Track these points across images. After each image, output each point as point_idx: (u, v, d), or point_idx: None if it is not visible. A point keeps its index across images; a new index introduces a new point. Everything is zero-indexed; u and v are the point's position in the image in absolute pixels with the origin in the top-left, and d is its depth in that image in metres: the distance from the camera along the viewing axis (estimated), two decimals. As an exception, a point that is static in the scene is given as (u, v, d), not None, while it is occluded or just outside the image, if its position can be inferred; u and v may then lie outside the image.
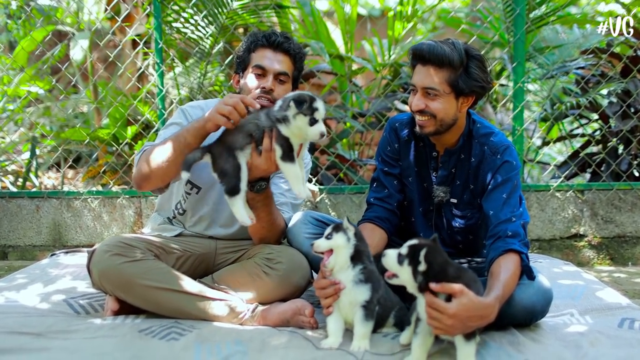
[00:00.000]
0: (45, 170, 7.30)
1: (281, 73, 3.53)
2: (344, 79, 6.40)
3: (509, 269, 3.00)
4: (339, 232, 2.96)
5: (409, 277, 2.70)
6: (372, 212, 3.57)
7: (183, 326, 3.14)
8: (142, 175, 3.30)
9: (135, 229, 5.47)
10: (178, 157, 3.19)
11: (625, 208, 5.50)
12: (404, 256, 2.71)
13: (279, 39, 3.55)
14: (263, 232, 3.48)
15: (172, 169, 3.23)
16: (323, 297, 2.99)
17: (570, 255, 5.43)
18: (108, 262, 3.23)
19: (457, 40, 3.29)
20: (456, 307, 2.63)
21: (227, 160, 3.13)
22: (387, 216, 3.55)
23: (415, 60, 3.31)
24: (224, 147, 3.15)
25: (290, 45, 3.57)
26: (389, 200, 3.57)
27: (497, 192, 3.27)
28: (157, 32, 5.47)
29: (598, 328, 3.15)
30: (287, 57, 3.56)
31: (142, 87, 6.01)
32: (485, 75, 3.28)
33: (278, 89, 3.51)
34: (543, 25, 5.88)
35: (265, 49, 3.55)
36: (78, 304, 3.56)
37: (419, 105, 3.26)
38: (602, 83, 5.86)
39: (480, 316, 2.70)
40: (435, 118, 3.26)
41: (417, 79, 3.27)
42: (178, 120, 3.59)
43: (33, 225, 5.59)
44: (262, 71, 3.51)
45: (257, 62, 3.52)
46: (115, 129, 6.06)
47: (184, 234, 3.69)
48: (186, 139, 3.19)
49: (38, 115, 7.74)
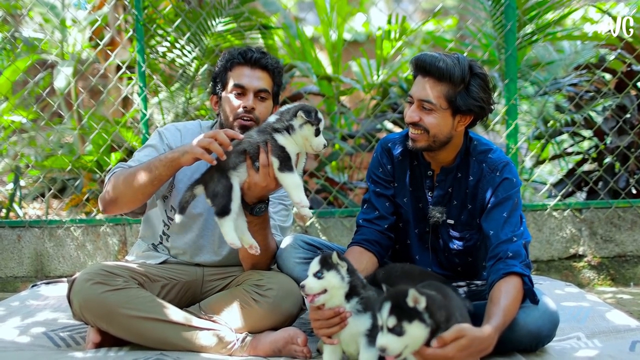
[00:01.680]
0: (29, 200, 7.20)
1: (261, 90, 3.43)
2: (332, 101, 6.33)
3: (509, 294, 2.90)
4: (330, 271, 2.77)
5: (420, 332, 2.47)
6: (360, 234, 3.43)
7: (168, 358, 3.06)
8: (109, 198, 3.25)
9: (119, 257, 5.36)
10: (147, 187, 3.16)
11: (625, 226, 5.39)
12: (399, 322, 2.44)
13: (255, 55, 3.46)
14: (256, 257, 3.35)
15: (139, 197, 3.22)
16: (326, 328, 2.82)
17: (569, 276, 5.32)
18: (89, 291, 3.13)
19: (462, 55, 3.18)
20: (454, 350, 2.53)
21: (219, 182, 3.04)
22: (376, 238, 3.40)
23: (416, 71, 3.21)
24: (216, 170, 3.06)
25: (268, 61, 3.47)
26: (378, 222, 3.43)
27: (497, 211, 3.16)
28: (140, 56, 5.37)
29: (609, 352, 3.04)
30: (265, 73, 3.47)
31: (127, 113, 5.92)
32: (486, 96, 3.18)
33: (259, 106, 3.42)
34: (534, 42, 5.81)
35: (243, 66, 3.45)
36: (59, 337, 3.45)
37: (413, 117, 3.15)
38: (596, 99, 5.78)
39: (480, 350, 2.64)
40: (428, 133, 3.14)
41: (415, 90, 3.16)
42: (154, 142, 3.51)
43: (14, 256, 5.45)
44: (242, 90, 3.41)
45: (236, 81, 3.42)
46: (99, 155, 5.95)
47: (169, 261, 3.58)
48: (157, 169, 3.13)
49: (22, 145, 7.68)
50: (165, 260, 3.57)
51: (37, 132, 7.33)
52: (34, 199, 7.29)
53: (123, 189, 3.18)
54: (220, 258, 3.58)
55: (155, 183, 3.15)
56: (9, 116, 7.01)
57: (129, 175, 3.17)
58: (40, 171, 6.46)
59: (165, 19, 5.58)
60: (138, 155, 3.44)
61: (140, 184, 3.14)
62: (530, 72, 6.07)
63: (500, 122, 5.83)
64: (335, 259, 2.78)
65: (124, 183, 3.17)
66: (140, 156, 3.39)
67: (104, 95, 5.68)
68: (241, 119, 3.36)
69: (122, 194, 3.19)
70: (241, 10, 5.62)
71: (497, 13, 5.49)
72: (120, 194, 3.19)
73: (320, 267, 2.77)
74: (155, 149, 3.43)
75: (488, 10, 5.66)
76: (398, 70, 6.50)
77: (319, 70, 6.34)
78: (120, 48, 6.48)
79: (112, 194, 3.21)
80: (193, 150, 3.02)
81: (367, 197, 3.49)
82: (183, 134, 3.54)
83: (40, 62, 7.05)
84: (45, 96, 5.72)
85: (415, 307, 2.45)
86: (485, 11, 5.78)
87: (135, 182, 3.14)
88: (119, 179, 3.19)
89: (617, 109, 5.73)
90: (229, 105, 3.41)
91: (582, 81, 6.05)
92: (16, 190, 6.36)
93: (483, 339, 2.63)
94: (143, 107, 5.43)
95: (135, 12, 5.36)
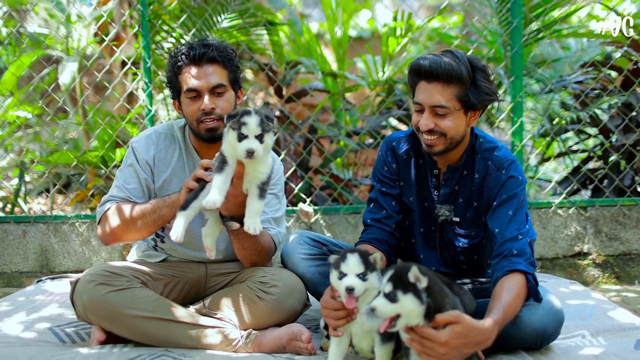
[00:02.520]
0: (34, 195, 7.19)
1: (216, 86, 3.34)
2: (337, 97, 6.30)
3: (511, 290, 2.89)
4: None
5: (413, 305, 2.53)
6: (369, 233, 3.41)
7: (174, 355, 3.05)
8: (113, 235, 3.33)
9: (124, 253, 5.34)
10: (152, 227, 3.27)
11: (630, 224, 5.37)
12: (395, 290, 2.53)
13: (199, 51, 3.35)
14: (252, 257, 3.38)
15: (143, 235, 3.34)
16: (334, 319, 2.83)
17: (574, 274, 5.30)
18: (92, 292, 3.14)
19: (457, 51, 3.16)
20: (448, 335, 2.56)
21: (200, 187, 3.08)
22: (384, 238, 3.40)
23: (417, 77, 3.15)
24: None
25: (214, 52, 3.36)
26: (386, 221, 3.42)
27: (503, 209, 3.14)
28: (146, 52, 5.36)
29: (614, 350, 3.04)
30: (215, 66, 3.37)
31: (132, 109, 5.90)
32: (492, 86, 3.17)
33: (219, 103, 3.35)
34: (540, 40, 5.79)
35: (190, 66, 3.35)
36: (64, 333, 3.46)
37: (428, 125, 3.11)
38: (602, 97, 5.76)
39: (477, 342, 2.63)
40: (446, 136, 3.12)
41: (424, 97, 3.11)
42: (130, 161, 3.48)
43: (19, 251, 5.44)
44: (196, 92, 3.34)
45: (187, 85, 3.34)
46: (104, 151, 5.94)
47: (170, 260, 3.57)
48: (164, 214, 3.23)
49: (27, 141, 7.67)
50: (165, 258, 3.57)
51: (42, 128, 7.32)
52: (39, 194, 7.28)
53: (126, 228, 3.26)
54: (220, 256, 3.56)
55: (159, 224, 3.25)
56: (14, 111, 6.99)
57: (132, 215, 3.24)
58: (45, 166, 6.45)
59: (171, 15, 5.55)
60: (122, 178, 3.44)
61: (145, 224, 3.24)
62: (536, 70, 6.04)
63: (506, 119, 5.80)
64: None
65: (128, 223, 3.25)
66: (126, 179, 3.42)
67: (109, 91, 5.67)
68: (203, 122, 3.32)
69: (126, 232, 3.28)
70: (247, 6, 5.60)
71: (503, 10, 5.46)
72: (124, 233, 3.28)
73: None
74: (134, 168, 3.43)
75: (494, 7, 5.64)
76: (403, 67, 6.47)
77: (324, 67, 6.31)
78: (125, 44, 6.45)
79: (117, 233, 3.29)
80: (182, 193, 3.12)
81: (374, 197, 3.47)
82: (155, 140, 3.50)
83: (45, 57, 7.04)
84: (50, 92, 5.72)
85: (415, 283, 2.51)
86: (491, 8, 5.76)
87: (140, 223, 3.24)
88: (121, 219, 3.26)
89: (623, 106, 5.71)
90: (189, 111, 3.37)
91: (588, 79, 6.02)
92: (21, 185, 6.36)
93: (480, 330, 2.62)
94: (148, 103, 5.42)
95: (140, 8, 5.34)
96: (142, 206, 3.26)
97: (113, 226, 3.27)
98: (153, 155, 3.47)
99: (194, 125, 3.37)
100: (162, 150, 3.49)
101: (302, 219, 5.33)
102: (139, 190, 3.40)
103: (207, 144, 3.42)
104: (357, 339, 2.86)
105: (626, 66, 5.74)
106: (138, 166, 3.43)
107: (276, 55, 6.24)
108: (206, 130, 3.33)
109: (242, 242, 3.22)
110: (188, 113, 3.37)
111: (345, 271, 2.70)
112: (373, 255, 2.74)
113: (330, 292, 2.85)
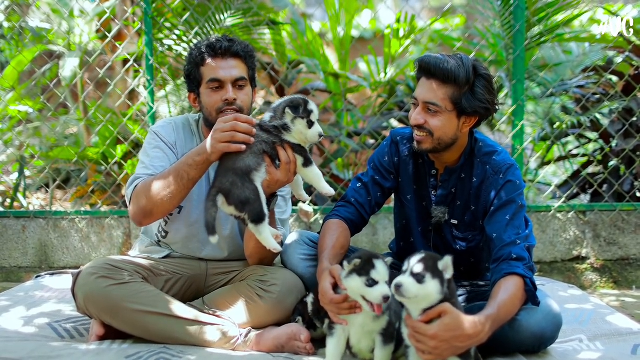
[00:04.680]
0: (34, 191, 7.19)
1: (238, 79, 3.40)
2: (338, 97, 6.31)
3: (508, 290, 2.89)
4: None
5: (436, 292, 2.59)
6: (348, 212, 3.42)
7: (172, 352, 3.05)
8: (144, 211, 3.22)
9: (124, 250, 5.34)
10: (182, 191, 3.17)
11: (628, 230, 5.38)
12: (424, 272, 2.58)
13: (224, 44, 3.41)
14: (264, 252, 3.32)
15: (174, 203, 3.22)
16: (337, 311, 2.83)
17: (572, 278, 5.30)
18: (94, 285, 3.14)
19: (466, 56, 3.16)
20: (437, 327, 2.58)
21: (245, 187, 3.03)
22: (358, 222, 3.45)
23: (420, 73, 3.18)
24: (236, 175, 3.04)
25: (238, 47, 3.43)
26: (367, 207, 3.45)
27: (500, 213, 3.14)
28: (148, 49, 5.36)
29: (611, 355, 3.05)
30: (238, 60, 3.43)
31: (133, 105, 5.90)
32: (491, 97, 3.16)
33: (240, 95, 3.40)
34: (543, 43, 5.79)
35: (214, 59, 3.41)
36: (63, 328, 3.46)
37: (418, 120, 3.14)
38: (603, 101, 5.76)
39: (468, 336, 2.63)
40: (433, 136, 3.13)
41: (420, 93, 3.15)
42: (156, 143, 3.46)
43: (19, 246, 5.44)
44: (219, 83, 3.38)
45: (211, 75, 3.39)
46: (105, 148, 5.95)
47: (173, 256, 3.56)
48: (189, 175, 3.14)
49: (28, 136, 7.67)
50: (168, 254, 3.57)
51: (43, 123, 7.32)
52: (38, 189, 7.28)
53: (158, 199, 3.16)
54: (225, 254, 3.58)
55: (189, 186, 3.16)
56: (15, 106, 7.00)
57: (159, 185, 3.16)
58: (45, 162, 6.46)
59: (174, 13, 5.56)
60: (147, 159, 3.40)
61: (174, 191, 3.14)
62: (538, 73, 6.04)
63: (507, 122, 5.81)
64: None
65: (158, 194, 3.15)
66: (152, 159, 3.38)
67: (111, 87, 5.67)
68: (224, 112, 3.33)
69: (157, 205, 3.17)
70: (250, 5, 5.60)
71: (505, 13, 5.46)
72: (155, 205, 3.17)
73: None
74: (161, 149, 3.42)
75: (497, 10, 5.64)
76: (405, 69, 6.48)
77: (327, 67, 6.32)
78: (127, 41, 6.46)
79: (147, 207, 3.19)
80: (219, 147, 3.03)
81: (366, 181, 3.47)
82: (175, 128, 3.53)
83: (47, 53, 7.05)
84: (52, 87, 5.72)
85: (442, 272, 2.58)
86: (494, 11, 5.76)
87: (169, 190, 3.14)
88: (149, 191, 3.17)
89: (623, 111, 5.71)
90: (210, 101, 3.39)
91: (589, 83, 6.03)
92: (21, 180, 6.36)
93: (470, 323, 2.63)
94: (150, 100, 5.42)
95: (144, 5, 5.34)
96: (165, 176, 3.19)
97: (142, 203, 3.20)
98: (175, 141, 3.48)
99: (213, 116, 3.36)
100: (182, 139, 3.51)
101: (302, 219, 5.33)
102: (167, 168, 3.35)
103: None
104: (356, 340, 2.87)
105: (627, 71, 5.74)
106: (165, 146, 3.43)
107: (278, 54, 6.24)
108: None
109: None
110: (209, 104, 3.39)
111: (377, 279, 2.69)
112: (387, 260, 2.76)
113: (329, 279, 2.87)
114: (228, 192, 3.02)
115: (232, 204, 3.03)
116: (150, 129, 3.55)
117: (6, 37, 7.77)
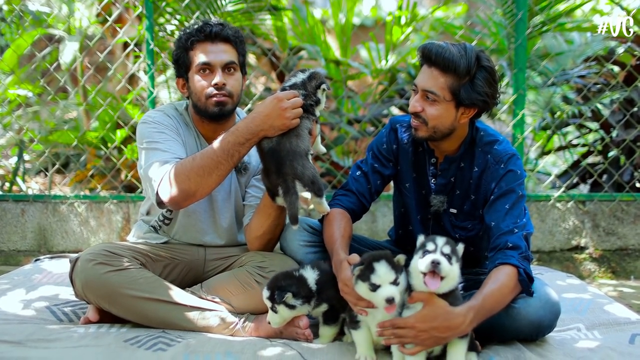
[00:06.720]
0: (33, 174, 7.19)
1: (228, 63, 3.36)
2: (339, 84, 6.30)
3: (497, 281, 2.88)
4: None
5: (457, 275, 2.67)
6: (350, 202, 3.40)
7: (171, 336, 3.05)
8: (187, 193, 3.10)
9: (123, 234, 5.35)
10: (229, 170, 3.15)
11: (627, 220, 5.38)
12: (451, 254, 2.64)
13: (214, 28, 3.36)
14: (277, 230, 3.39)
15: (219, 182, 3.17)
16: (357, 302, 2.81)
17: (570, 267, 5.30)
18: (92, 271, 3.13)
19: (471, 46, 3.11)
20: (415, 318, 2.62)
21: (310, 167, 3.11)
22: (359, 211, 3.44)
23: (422, 60, 3.15)
24: (301, 157, 3.10)
25: (228, 32, 3.39)
26: (367, 195, 3.44)
27: (500, 202, 3.12)
28: (149, 33, 5.35)
29: (608, 344, 3.04)
30: (228, 45, 3.38)
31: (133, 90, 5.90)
32: (491, 90, 3.11)
33: (229, 80, 3.36)
34: (545, 32, 5.78)
35: (204, 43, 3.35)
36: (61, 312, 3.46)
37: (416, 107, 3.12)
38: (604, 91, 5.75)
39: (448, 327, 2.64)
40: (427, 124, 3.11)
41: (420, 80, 3.12)
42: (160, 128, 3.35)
43: (18, 230, 5.45)
44: (209, 67, 3.34)
45: (200, 59, 3.34)
46: (104, 132, 5.94)
47: (171, 242, 3.56)
48: (240, 153, 3.13)
49: (27, 120, 7.66)
50: (166, 240, 3.56)
51: (42, 107, 7.31)
52: (37, 173, 7.27)
53: (203, 180, 3.09)
54: (223, 242, 3.58)
55: (236, 161, 3.13)
56: (14, 90, 6.98)
57: (207, 167, 3.08)
58: (44, 146, 6.46)
59: (175, -3, 5.55)
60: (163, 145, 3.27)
61: (223, 170, 3.11)
62: (539, 63, 6.03)
63: (507, 111, 5.80)
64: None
65: (204, 174, 3.08)
66: (167, 145, 3.27)
67: (111, 71, 5.66)
68: (214, 97, 3.31)
69: (201, 185, 3.10)
70: (251, -10, 5.59)
71: (508, 2, 5.45)
72: (200, 186, 3.10)
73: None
74: (168, 134, 3.33)
75: (499, -2, 5.64)
76: (407, 56, 6.47)
77: (328, 54, 6.31)
78: (128, 25, 6.44)
79: (191, 188, 3.08)
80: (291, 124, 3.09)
81: (366, 169, 3.45)
82: (170, 116, 3.46)
83: (47, 36, 7.03)
84: (52, 71, 5.71)
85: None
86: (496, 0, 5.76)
87: (218, 171, 3.10)
88: (193, 172, 3.08)
89: (624, 102, 5.71)
90: (199, 86, 3.35)
91: (590, 73, 6.02)
92: (20, 164, 6.36)
93: (451, 314, 2.64)
94: (150, 85, 5.41)
95: (145, -11, 5.34)
96: (211, 154, 3.12)
97: (184, 184, 3.09)
98: (177, 127, 3.43)
99: (202, 101, 3.34)
100: (178, 129, 3.44)
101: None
102: (183, 151, 3.32)
103: (211, 123, 3.41)
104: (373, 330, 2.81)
105: (629, 62, 5.74)
106: (170, 131, 3.36)
107: (279, 40, 6.23)
108: (215, 104, 3.30)
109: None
110: (197, 88, 3.35)
111: (377, 282, 2.66)
112: (397, 258, 2.73)
113: (349, 269, 2.83)
114: (302, 176, 3.07)
115: (305, 185, 3.09)
116: (143, 121, 3.42)
117: (6, 20, 7.74)
